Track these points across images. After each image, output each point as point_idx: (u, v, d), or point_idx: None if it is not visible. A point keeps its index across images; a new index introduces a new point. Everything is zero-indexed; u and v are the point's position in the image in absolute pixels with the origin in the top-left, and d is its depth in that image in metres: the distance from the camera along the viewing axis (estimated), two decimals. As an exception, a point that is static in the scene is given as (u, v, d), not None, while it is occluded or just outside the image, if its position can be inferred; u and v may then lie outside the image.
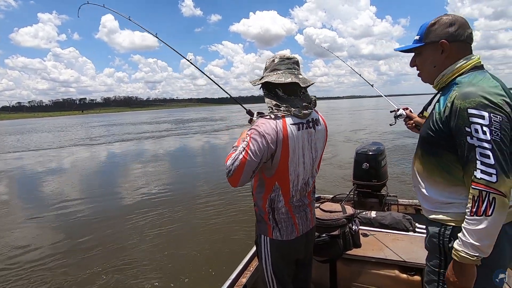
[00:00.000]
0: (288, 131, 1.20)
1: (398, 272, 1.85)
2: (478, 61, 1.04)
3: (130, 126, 34.42)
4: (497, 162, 0.87)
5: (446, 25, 1.05)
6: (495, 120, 0.88)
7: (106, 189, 7.49)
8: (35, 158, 13.73)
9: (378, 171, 2.97)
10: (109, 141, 19.03)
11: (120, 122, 46.50)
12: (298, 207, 1.33)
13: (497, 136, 0.88)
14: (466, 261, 0.91)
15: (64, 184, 8.31)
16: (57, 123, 61.69)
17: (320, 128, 1.34)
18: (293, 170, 1.25)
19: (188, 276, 3.44)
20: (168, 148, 14.76)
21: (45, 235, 4.81)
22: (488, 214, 0.87)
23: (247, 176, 1.21)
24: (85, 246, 4.28)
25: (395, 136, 12.93)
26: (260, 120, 1.22)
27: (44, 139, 23.71)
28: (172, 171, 9.27)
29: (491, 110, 0.89)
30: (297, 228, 1.32)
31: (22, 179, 9.52)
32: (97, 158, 12.77)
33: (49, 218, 5.58)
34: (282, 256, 1.33)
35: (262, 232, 1.34)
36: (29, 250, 4.29)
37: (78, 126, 43.83)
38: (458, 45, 1.05)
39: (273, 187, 1.27)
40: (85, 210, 5.93)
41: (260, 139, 1.16)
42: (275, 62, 1.30)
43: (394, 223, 2.30)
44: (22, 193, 7.93)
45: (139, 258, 3.88)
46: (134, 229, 4.78)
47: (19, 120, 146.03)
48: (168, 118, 54.89)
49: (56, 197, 6.99)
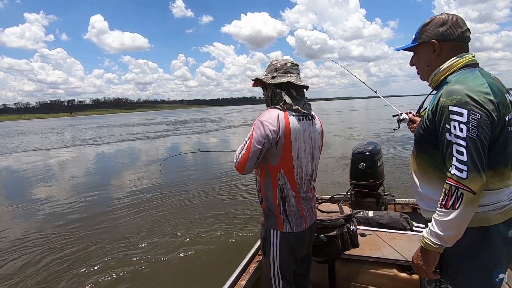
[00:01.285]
0: (290, 120, 1.34)
1: (397, 271, 1.86)
2: (471, 59, 1.05)
3: (129, 128, 34.12)
4: (470, 160, 0.89)
5: (437, 25, 1.07)
6: (473, 118, 0.90)
7: (109, 186, 7.43)
8: (27, 159, 13.69)
9: (375, 171, 2.98)
10: (113, 140, 19.06)
11: (115, 124, 46.13)
12: (304, 199, 1.44)
13: (474, 134, 0.89)
14: (430, 248, 0.98)
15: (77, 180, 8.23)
16: (45, 126, 60.80)
17: (317, 124, 1.49)
18: (296, 156, 1.36)
19: (186, 279, 3.42)
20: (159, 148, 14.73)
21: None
22: (455, 208, 0.90)
23: (252, 163, 1.34)
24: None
25: (390, 136, 13.05)
26: (264, 112, 1.37)
27: (33, 141, 23.61)
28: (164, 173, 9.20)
29: (471, 108, 0.90)
30: (305, 220, 1.43)
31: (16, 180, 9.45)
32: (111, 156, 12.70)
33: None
34: (292, 248, 1.41)
35: (272, 226, 1.41)
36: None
37: (68, 128, 43.34)
38: (449, 45, 1.06)
39: (279, 175, 1.37)
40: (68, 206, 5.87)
41: (262, 127, 1.30)
42: (288, 66, 1.45)
43: (392, 222, 2.31)
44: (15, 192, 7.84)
45: (131, 263, 3.85)
46: (123, 230, 4.74)
47: (4, 122, 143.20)
48: (161, 119, 54.03)
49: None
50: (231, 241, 4.21)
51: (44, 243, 4.54)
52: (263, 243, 1.48)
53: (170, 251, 4.04)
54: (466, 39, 1.06)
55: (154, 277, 3.48)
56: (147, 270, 3.61)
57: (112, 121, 48.75)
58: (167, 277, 3.48)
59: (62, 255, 4.12)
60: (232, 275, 1.88)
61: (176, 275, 3.51)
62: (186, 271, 3.57)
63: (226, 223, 4.82)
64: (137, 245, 4.28)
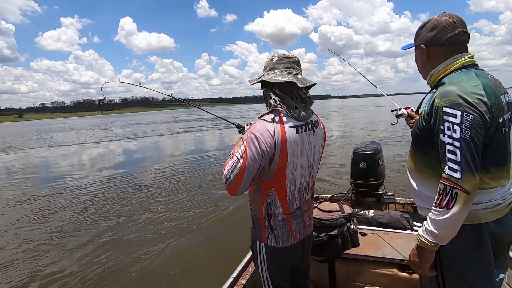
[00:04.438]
0: (286, 134, 1.15)
1: (397, 270, 1.86)
2: (467, 60, 1.05)
3: (173, 124, 34.94)
4: (463, 160, 0.91)
5: (428, 29, 1.09)
6: (467, 119, 0.91)
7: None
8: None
9: (376, 170, 2.98)
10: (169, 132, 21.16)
11: (157, 121, 46.47)
12: (296, 215, 1.29)
13: (467, 134, 0.91)
14: (425, 246, 1.00)
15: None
16: (80, 123, 63.53)
17: (318, 130, 1.30)
18: (290, 174, 1.20)
19: (186, 277, 3.43)
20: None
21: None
22: (449, 207, 0.93)
23: (246, 184, 1.16)
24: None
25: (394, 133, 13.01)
26: (257, 123, 1.18)
27: (98, 134, 27.25)
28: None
29: (464, 109, 0.92)
30: (293, 235, 1.28)
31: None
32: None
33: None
34: (278, 263, 1.30)
35: (258, 237, 1.30)
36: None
37: (110, 124, 45.70)
38: (437, 49, 1.08)
39: (269, 192, 1.23)
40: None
41: (258, 143, 1.12)
42: (273, 61, 1.26)
43: (392, 221, 2.31)
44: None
45: (129, 262, 3.86)
46: (128, 227, 4.76)
47: (43, 120, 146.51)
48: (190, 117, 53.40)
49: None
50: (233, 238, 4.23)
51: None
52: (252, 252, 1.37)
53: (170, 247, 4.05)
54: (456, 43, 1.06)
55: (154, 273, 3.50)
56: (149, 267, 3.63)
57: (151, 119, 48.91)
58: (166, 274, 3.49)
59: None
60: (233, 273, 1.89)
61: (176, 272, 3.53)
62: (186, 269, 3.58)
63: (226, 223, 4.83)
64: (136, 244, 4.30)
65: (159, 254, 3.94)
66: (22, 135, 35.66)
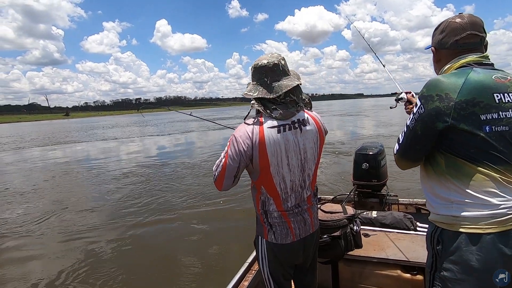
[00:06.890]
0: (265, 134, 1.20)
1: (401, 271, 1.85)
2: (472, 59, 1.04)
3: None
4: (402, 142, 1.09)
5: (439, 31, 1.13)
6: (419, 111, 1.00)
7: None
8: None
9: (378, 171, 2.97)
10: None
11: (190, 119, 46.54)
12: (294, 212, 1.31)
13: (412, 124, 1.03)
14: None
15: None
16: (129, 120, 66.86)
17: (309, 128, 1.29)
18: (276, 172, 1.24)
19: (189, 280, 3.44)
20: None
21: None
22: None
23: (229, 180, 1.27)
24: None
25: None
26: (240, 126, 1.27)
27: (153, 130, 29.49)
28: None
29: (423, 102, 1.00)
30: (292, 233, 1.31)
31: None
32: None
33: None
34: (277, 259, 1.34)
35: (259, 233, 1.37)
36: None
37: (153, 121, 47.08)
38: (445, 52, 1.11)
39: (261, 190, 1.30)
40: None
41: (236, 144, 1.21)
42: (251, 72, 1.30)
43: (395, 222, 2.30)
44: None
45: (131, 263, 3.88)
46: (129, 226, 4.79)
47: (87, 118, 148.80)
48: (222, 115, 53.84)
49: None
50: (235, 239, 4.24)
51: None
52: (254, 247, 1.43)
53: (174, 248, 4.07)
54: (462, 46, 1.06)
55: (157, 275, 3.51)
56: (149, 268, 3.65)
57: (185, 117, 48.87)
58: (169, 275, 3.50)
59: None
60: (236, 275, 1.90)
61: (179, 273, 3.54)
62: (188, 271, 3.59)
63: (229, 223, 4.84)
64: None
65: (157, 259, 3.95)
66: (80, 130, 38.25)
